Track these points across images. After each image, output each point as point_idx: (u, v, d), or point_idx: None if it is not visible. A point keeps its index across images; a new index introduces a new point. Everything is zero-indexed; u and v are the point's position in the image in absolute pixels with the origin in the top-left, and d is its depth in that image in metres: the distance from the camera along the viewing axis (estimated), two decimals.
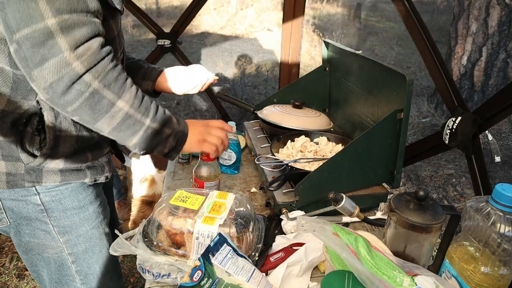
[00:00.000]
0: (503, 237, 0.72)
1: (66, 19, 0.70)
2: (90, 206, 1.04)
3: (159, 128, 0.87)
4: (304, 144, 1.35)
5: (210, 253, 0.79)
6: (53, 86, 0.72)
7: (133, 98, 0.81)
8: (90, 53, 0.73)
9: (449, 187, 3.23)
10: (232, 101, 1.66)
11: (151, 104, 0.86)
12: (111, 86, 0.77)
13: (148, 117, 0.85)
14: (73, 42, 0.71)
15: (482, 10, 3.85)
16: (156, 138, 0.88)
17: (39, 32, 0.68)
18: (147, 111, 0.85)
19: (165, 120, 0.88)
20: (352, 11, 8.13)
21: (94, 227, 1.06)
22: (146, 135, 0.86)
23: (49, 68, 0.71)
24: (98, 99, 0.77)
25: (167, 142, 0.90)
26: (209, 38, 6.51)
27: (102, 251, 1.09)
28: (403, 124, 1.07)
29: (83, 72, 0.73)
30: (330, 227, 0.78)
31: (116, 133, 0.83)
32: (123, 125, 0.82)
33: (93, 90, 0.75)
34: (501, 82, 3.87)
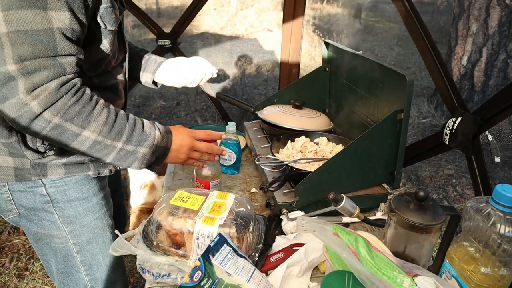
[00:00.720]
0: (503, 237, 0.72)
1: (26, 66, 0.75)
2: (94, 197, 1.07)
3: (133, 149, 0.90)
4: (304, 144, 1.35)
5: (210, 254, 0.79)
6: (16, 121, 0.78)
7: (101, 126, 0.84)
8: (47, 93, 0.77)
9: (449, 187, 3.23)
10: (232, 101, 1.66)
11: (125, 126, 0.88)
12: (74, 119, 0.81)
13: (120, 141, 0.87)
14: (30, 85, 0.75)
15: (482, 11, 3.85)
16: (131, 158, 0.91)
17: (1, 75, 0.74)
18: (119, 135, 0.87)
19: (141, 140, 0.90)
20: (352, 11, 8.13)
21: (98, 218, 1.09)
22: (119, 156, 0.89)
23: (9, 107, 0.76)
24: (61, 131, 0.81)
25: (144, 160, 0.92)
26: (209, 38, 6.52)
27: (105, 242, 1.12)
28: (403, 125, 1.07)
29: (41, 111, 0.77)
30: (330, 227, 0.78)
31: (90, 154, 0.87)
32: (93, 150, 0.86)
33: (55, 125, 0.80)
34: (501, 83, 3.87)
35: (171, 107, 4.53)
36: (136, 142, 0.90)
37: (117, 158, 0.89)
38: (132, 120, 0.91)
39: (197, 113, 4.39)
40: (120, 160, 0.90)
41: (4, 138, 0.91)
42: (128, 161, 0.91)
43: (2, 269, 2.18)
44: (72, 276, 1.11)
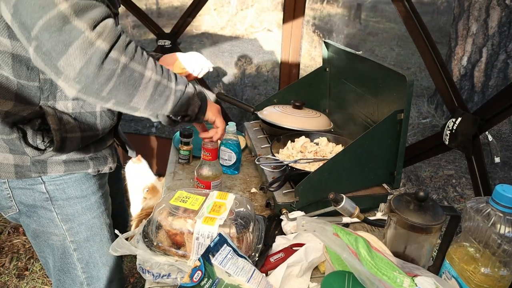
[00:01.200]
0: (503, 238, 0.72)
1: (77, 2, 0.69)
2: (93, 196, 1.08)
3: (184, 89, 0.88)
4: (304, 144, 1.35)
5: (210, 254, 0.79)
6: (83, 71, 0.70)
7: (154, 65, 0.81)
8: (109, 30, 0.72)
9: (449, 187, 3.23)
10: (232, 101, 1.66)
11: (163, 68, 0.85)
12: (135, 58, 0.76)
13: (172, 81, 0.85)
14: (90, 21, 0.69)
15: (482, 11, 3.86)
16: (186, 98, 0.88)
17: (55, 19, 0.67)
18: (169, 75, 0.85)
19: (184, 80, 0.89)
20: (352, 11, 8.14)
21: (96, 217, 1.10)
22: (176, 98, 0.86)
23: (75, 53, 0.68)
24: (129, 74, 0.75)
25: (195, 101, 0.91)
26: (209, 38, 6.52)
27: (102, 240, 1.13)
28: (403, 125, 1.07)
29: (108, 48, 0.71)
30: (330, 227, 0.78)
31: (152, 105, 0.83)
32: (156, 94, 0.81)
33: (123, 66, 0.74)
34: (501, 83, 3.87)
35: None
36: (183, 82, 0.88)
37: (176, 100, 0.86)
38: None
39: None
40: (179, 104, 0.87)
41: (5, 134, 0.91)
42: (185, 102, 0.88)
43: (2, 269, 2.18)
44: (68, 274, 1.12)
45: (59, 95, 0.92)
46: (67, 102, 0.94)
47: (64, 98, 0.93)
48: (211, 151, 1.13)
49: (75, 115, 0.95)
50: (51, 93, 0.91)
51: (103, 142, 1.08)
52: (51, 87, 0.90)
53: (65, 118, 0.93)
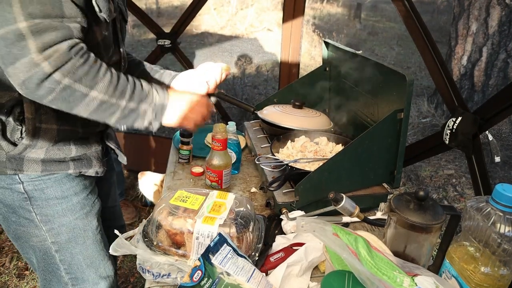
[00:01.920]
0: (503, 237, 0.72)
1: (37, 23, 0.75)
2: (74, 197, 1.07)
3: (135, 106, 0.92)
4: (304, 144, 1.35)
5: (210, 253, 0.79)
6: (25, 83, 0.78)
7: (106, 86, 0.86)
8: (58, 54, 0.78)
9: (449, 187, 3.23)
10: (232, 101, 1.66)
11: (127, 85, 0.90)
12: (82, 80, 0.82)
13: (124, 99, 0.89)
14: (41, 45, 0.76)
15: (482, 10, 3.85)
16: (133, 115, 0.92)
17: (12, 34, 0.74)
18: (123, 93, 0.89)
19: (142, 97, 0.93)
20: (352, 11, 8.13)
21: (78, 218, 1.09)
22: (123, 114, 0.91)
23: (20, 67, 0.76)
24: (70, 93, 0.82)
25: (145, 116, 0.94)
26: (209, 38, 6.52)
27: (86, 242, 1.12)
28: (403, 124, 1.07)
29: (51, 71, 0.78)
30: (330, 227, 0.78)
31: (94, 116, 0.88)
32: (99, 110, 0.87)
33: (64, 86, 0.80)
34: (501, 82, 3.86)
35: None
36: (138, 99, 0.92)
37: (121, 116, 0.91)
38: (132, 80, 0.93)
39: None
40: (124, 118, 0.92)
41: None
42: (131, 118, 0.93)
43: (2, 269, 2.18)
44: (53, 273, 1.12)
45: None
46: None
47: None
48: (221, 142, 1.16)
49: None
50: None
51: (87, 145, 1.08)
52: None
53: (44, 108, 0.93)
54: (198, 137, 1.63)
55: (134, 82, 0.93)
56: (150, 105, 0.94)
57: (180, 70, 1.31)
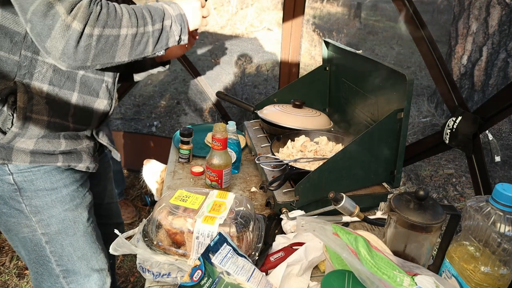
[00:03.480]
0: (503, 236, 0.72)
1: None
2: (64, 189, 1.08)
3: (161, 25, 0.94)
4: (304, 143, 1.35)
5: (210, 253, 0.79)
6: (65, 51, 0.81)
7: (128, 19, 0.88)
8: (82, 10, 0.80)
9: (449, 186, 3.23)
10: (232, 100, 1.66)
11: (143, 11, 0.92)
12: (107, 24, 0.84)
13: (149, 24, 0.92)
14: (68, 5, 0.79)
15: (482, 10, 3.85)
16: (164, 35, 0.96)
17: (42, 5, 0.77)
18: (145, 20, 0.91)
19: (161, 15, 0.95)
20: (352, 10, 8.13)
21: (68, 210, 1.10)
22: (155, 38, 0.94)
23: (56, 36, 0.79)
24: (105, 41, 0.85)
25: (174, 31, 0.97)
26: (209, 37, 6.51)
27: (76, 234, 1.13)
28: (403, 124, 1.07)
29: (82, 28, 0.81)
30: (330, 227, 0.78)
31: (135, 55, 0.92)
32: (135, 45, 0.90)
33: (97, 37, 0.83)
34: (501, 82, 3.86)
35: (171, 107, 4.53)
36: (159, 18, 0.94)
37: (155, 41, 0.94)
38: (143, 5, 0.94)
39: (197, 112, 4.39)
40: (158, 42, 0.95)
41: None
42: (164, 38, 0.96)
43: (2, 268, 2.18)
44: (44, 266, 1.12)
45: (36, 76, 0.94)
46: (43, 85, 0.95)
47: (41, 81, 0.95)
48: (221, 141, 1.16)
49: (48, 99, 0.97)
50: (28, 72, 0.92)
51: (77, 140, 1.08)
52: (30, 66, 0.92)
53: (36, 99, 0.94)
54: (198, 136, 1.63)
55: (146, 6, 0.95)
56: (171, 19, 0.96)
57: (180, 70, 1.31)
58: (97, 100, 1.08)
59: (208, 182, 1.24)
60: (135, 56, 0.92)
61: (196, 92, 4.56)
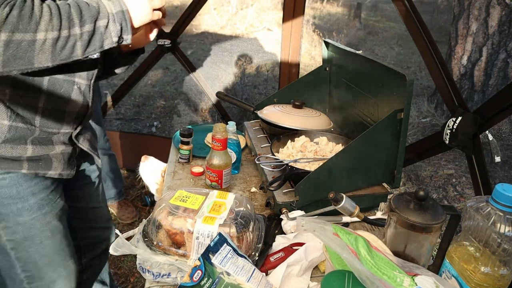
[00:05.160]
0: (503, 237, 0.72)
1: None
2: (32, 197, 1.04)
3: (92, 27, 0.84)
4: (304, 144, 1.35)
5: (210, 253, 0.79)
6: None
7: (48, 23, 0.78)
8: None
9: (449, 187, 3.23)
10: (232, 101, 1.66)
11: (70, 10, 0.82)
12: (18, 27, 0.76)
13: (76, 26, 0.82)
14: None
15: (482, 10, 3.85)
16: (96, 37, 0.86)
17: None
18: (71, 21, 0.81)
19: (93, 15, 0.84)
20: (352, 11, 8.13)
21: (35, 218, 1.06)
22: (84, 41, 0.84)
23: None
24: (16, 46, 0.76)
25: (109, 32, 0.87)
26: (209, 38, 6.51)
27: (43, 242, 1.09)
28: (403, 124, 1.07)
29: None
30: (330, 227, 0.78)
31: (60, 60, 0.83)
32: (57, 50, 0.81)
33: (5, 42, 0.75)
34: (501, 82, 3.86)
35: (171, 107, 4.53)
36: (91, 19, 0.84)
37: (84, 44, 0.84)
38: (73, 3, 0.84)
39: (197, 112, 4.39)
40: (89, 45, 0.85)
41: None
42: (96, 41, 0.86)
43: None
44: (8, 271, 1.10)
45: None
46: (5, 89, 0.91)
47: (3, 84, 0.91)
48: (221, 141, 1.16)
49: (10, 103, 0.93)
50: None
51: (49, 145, 1.03)
52: None
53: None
54: (198, 136, 1.63)
55: (77, 3, 0.84)
56: (107, 18, 0.86)
57: (180, 70, 1.31)
58: (69, 102, 1.02)
59: (208, 182, 1.24)
60: (61, 61, 0.83)
61: (196, 92, 4.57)
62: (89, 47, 0.85)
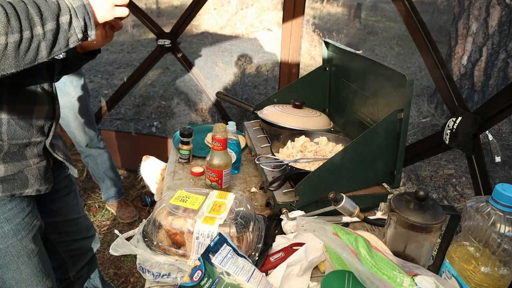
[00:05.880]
0: (503, 237, 0.72)
1: None
2: (6, 224, 0.99)
3: (54, 24, 0.78)
4: (304, 144, 1.35)
5: (210, 253, 0.79)
6: None
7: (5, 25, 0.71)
8: None
9: (449, 187, 3.23)
10: (232, 101, 1.66)
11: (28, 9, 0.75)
12: None
13: (37, 25, 0.75)
14: None
15: (482, 10, 3.85)
16: (61, 35, 0.80)
17: None
18: (31, 20, 0.75)
19: (53, 11, 0.78)
20: (352, 11, 8.13)
21: (10, 245, 1.02)
22: (48, 41, 0.78)
23: None
24: None
25: (73, 29, 0.81)
26: (209, 38, 6.51)
27: (20, 267, 1.05)
28: (403, 124, 1.07)
29: None
30: (330, 227, 0.78)
31: (25, 64, 0.76)
32: (20, 54, 0.75)
33: None
34: (501, 82, 3.86)
35: (171, 107, 4.53)
36: (52, 16, 0.77)
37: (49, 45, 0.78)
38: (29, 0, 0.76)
39: (197, 112, 4.39)
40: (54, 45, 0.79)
41: None
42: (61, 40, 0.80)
43: None
44: None
45: None
46: None
47: None
48: (221, 141, 1.16)
49: None
50: None
51: (22, 161, 0.97)
52: None
53: None
54: (198, 137, 1.63)
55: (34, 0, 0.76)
56: (69, 14, 0.79)
57: (180, 70, 1.31)
58: (36, 107, 0.97)
59: (208, 182, 1.24)
60: (26, 65, 0.76)
61: (196, 92, 4.57)
62: (54, 47, 0.79)
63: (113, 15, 0.89)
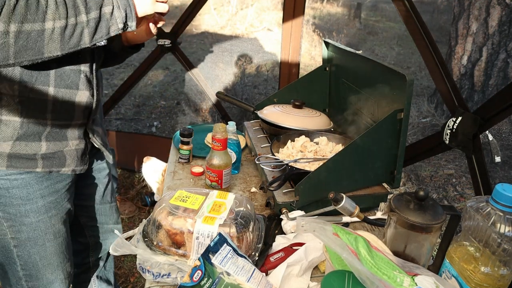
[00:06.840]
0: (503, 237, 0.72)
1: None
2: (40, 200, 1.05)
3: (97, 14, 0.86)
4: (304, 144, 1.35)
5: (210, 253, 0.79)
6: None
7: (55, 10, 0.80)
8: None
9: (449, 187, 3.23)
10: (232, 101, 1.66)
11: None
12: (27, 18, 0.77)
13: (82, 13, 0.83)
14: None
15: (482, 10, 3.85)
16: (102, 24, 0.87)
17: None
18: (77, 8, 0.83)
19: (97, 2, 0.86)
20: (352, 11, 8.13)
21: (41, 221, 1.07)
22: (91, 29, 0.86)
23: None
24: (26, 37, 0.77)
25: (115, 19, 0.89)
26: (209, 38, 6.51)
27: (45, 244, 1.10)
28: (403, 124, 1.07)
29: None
30: (330, 227, 0.78)
31: (69, 48, 0.85)
32: (65, 38, 0.82)
33: (15, 33, 0.76)
34: (501, 82, 3.86)
35: (171, 107, 4.53)
36: (96, 6, 0.85)
37: (91, 32, 0.86)
38: None
39: (197, 112, 4.39)
40: (95, 32, 0.87)
41: None
42: (103, 28, 0.87)
43: None
44: (9, 266, 1.11)
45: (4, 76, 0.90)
46: (14, 84, 0.91)
47: (10, 79, 0.91)
48: (221, 141, 1.16)
49: (20, 99, 0.93)
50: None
51: (63, 141, 1.04)
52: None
53: (5, 99, 0.91)
54: (198, 137, 1.63)
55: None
56: (112, 5, 0.87)
57: (180, 70, 1.31)
58: (78, 92, 1.03)
59: (208, 182, 1.24)
60: (70, 49, 0.85)
61: (196, 92, 4.57)
62: (96, 34, 0.87)
63: (154, 10, 0.96)
